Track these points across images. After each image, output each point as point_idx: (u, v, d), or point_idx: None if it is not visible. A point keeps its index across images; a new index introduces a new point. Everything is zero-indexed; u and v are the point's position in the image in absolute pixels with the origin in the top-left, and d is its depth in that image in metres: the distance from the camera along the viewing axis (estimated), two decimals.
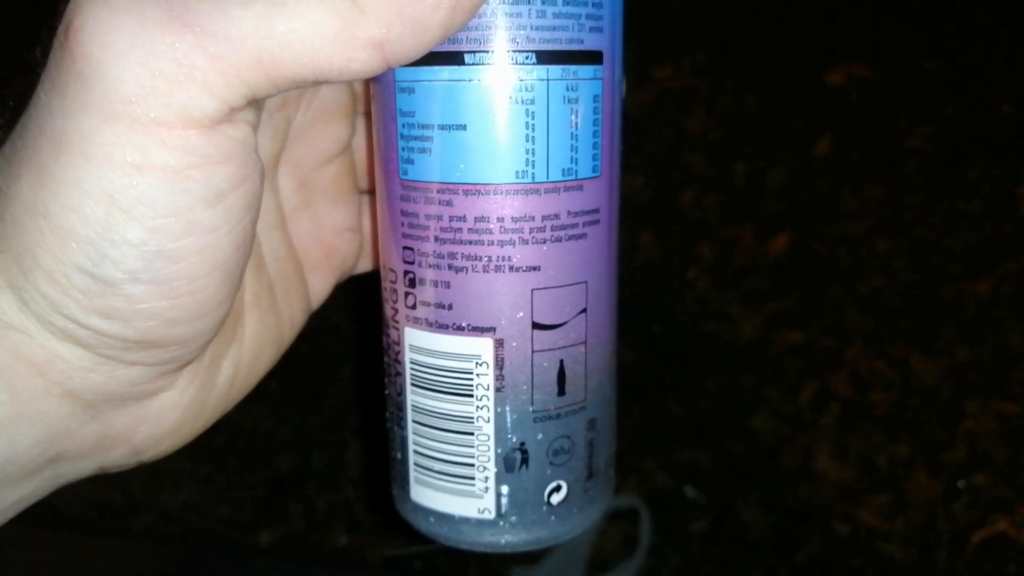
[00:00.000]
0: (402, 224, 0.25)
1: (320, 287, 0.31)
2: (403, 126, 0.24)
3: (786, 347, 1.02)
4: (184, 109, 0.19)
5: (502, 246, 0.24)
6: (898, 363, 1.00)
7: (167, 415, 0.25)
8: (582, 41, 0.23)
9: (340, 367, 1.02)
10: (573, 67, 0.23)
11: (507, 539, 0.27)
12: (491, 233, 0.24)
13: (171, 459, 0.27)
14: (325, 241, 0.30)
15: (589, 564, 0.86)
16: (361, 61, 0.20)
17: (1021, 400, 0.96)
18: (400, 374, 0.27)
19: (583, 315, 0.26)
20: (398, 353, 0.27)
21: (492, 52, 0.22)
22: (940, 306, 1.04)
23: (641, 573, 0.86)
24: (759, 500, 0.91)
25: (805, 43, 1.28)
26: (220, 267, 0.22)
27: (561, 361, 0.26)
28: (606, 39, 0.24)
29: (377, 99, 0.25)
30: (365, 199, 0.32)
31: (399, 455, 0.28)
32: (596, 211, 0.25)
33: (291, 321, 0.29)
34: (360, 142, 0.31)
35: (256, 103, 0.21)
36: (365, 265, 0.33)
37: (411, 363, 0.26)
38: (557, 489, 0.27)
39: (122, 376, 0.22)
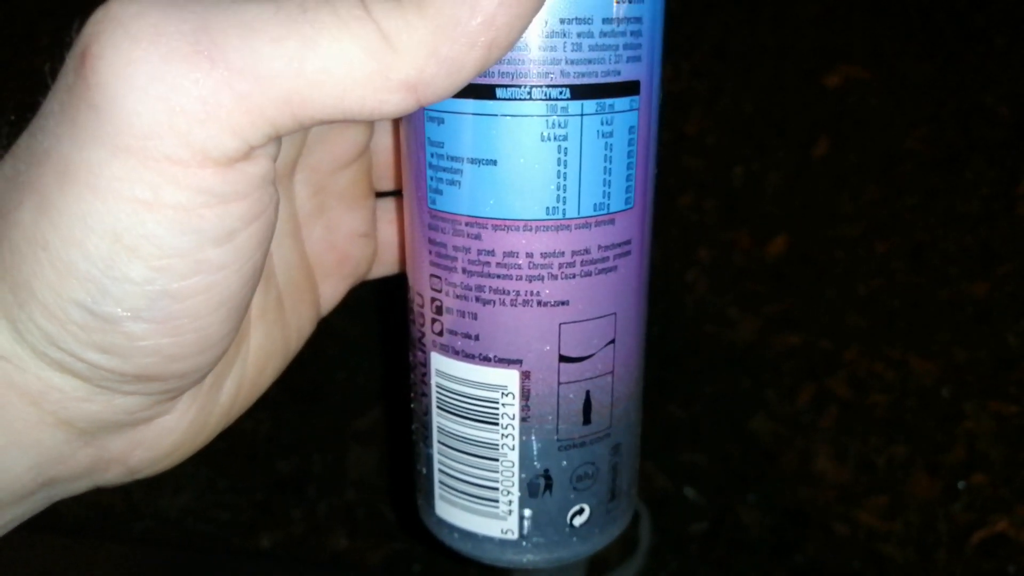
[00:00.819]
0: (430, 252, 0.25)
1: (331, 294, 0.30)
2: (432, 155, 0.23)
3: (784, 349, 1.03)
4: (203, 148, 0.18)
5: (531, 281, 0.24)
6: (896, 364, 1.00)
7: (165, 438, 0.24)
8: (619, 72, 0.22)
9: (340, 370, 1.02)
10: (609, 100, 0.22)
11: (529, 558, 0.27)
12: (520, 268, 0.23)
13: None
14: (339, 247, 0.29)
15: (589, 565, 0.86)
16: (393, 103, 0.19)
17: (1019, 401, 0.96)
18: (426, 395, 0.27)
19: (611, 346, 0.25)
20: (424, 375, 0.27)
21: (525, 87, 0.22)
22: (938, 307, 1.04)
23: (640, 574, 0.86)
24: (758, 501, 0.92)
25: (803, 46, 1.28)
26: (226, 304, 0.21)
27: (587, 392, 0.25)
28: (644, 67, 0.23)
29: (405, 123, 0.25)
30: (380, 203, 0.31)
31: (424, 470, 0.28)
32: (628, 243, 0.25)
33: (299, 331, 0.28)
34: (377, 141, 0.30)
35: (278, 138, 0.20)
36: (378, 271, 0.32)
37: (437, 387, 0.26)
38: (580, 512, 0.27)
39: (118, 405, 0.21)
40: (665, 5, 0.24)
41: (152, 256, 0.19)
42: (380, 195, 0.31)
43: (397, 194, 0.31)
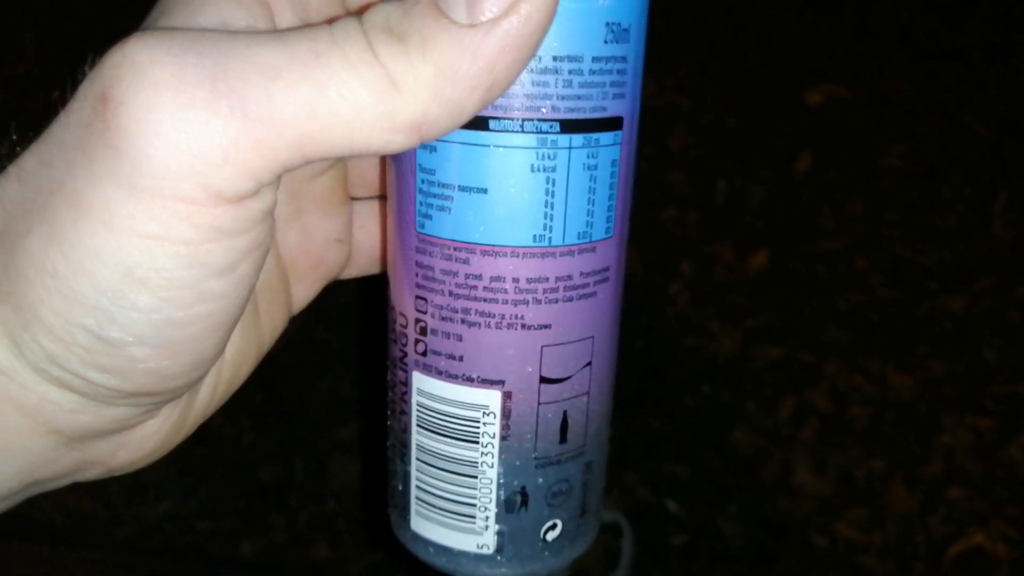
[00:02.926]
0: (416, 275, 0.25)
1: (303, 295, 0.31)
2: (422, 181, 0.24)
3: (765, 362, 1.03)
4: (218, 190, 0.19)
5: (516, 305, 0.24)
6: (875, 378, 1.01)
7: (147, 441, 0.25)
8: (605, 108, 0.23)
9: (323, 379, 1.02)
10: (595, 135, 0.23)
11: (503, 572, 0.27)
12: (506, 292, 0.24)
13: (153, 470, 0.27)
14: (314, 252, 0.30)
15: None
16: (399, 142, 0.20)
17: (995, 415, 0.97)
18: (406, 413, 0.27)
19: (588, 368, 0.26)
20: (404, 393, 0.27)
21: (517, 120, 0.22)
22: (916, 322, 1.06)
23: None
24: (738, 514, 0.92)
25: (785, 63, 1.30)
26: (223, 327, 0.22)
27: (565, 412, 0.26)
28: (627, 104, 0.24)
29: None
30: (355, 208, 0.31)
31: (400, 487, 0.28)
32: (606, 270, 0.26)
33: (272, 330, 0.29)
34: None
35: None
36: (351, 273, 0.32)
37: (418, 406, 0.27)
38: (553, 527, 0.27)
39: (109, 415, 0.22)
40: (646, 46, 0.25)
41: (160, 288, 0.19)
42: (356, 199, 0.31)
43: (373, 199, 0.31)
